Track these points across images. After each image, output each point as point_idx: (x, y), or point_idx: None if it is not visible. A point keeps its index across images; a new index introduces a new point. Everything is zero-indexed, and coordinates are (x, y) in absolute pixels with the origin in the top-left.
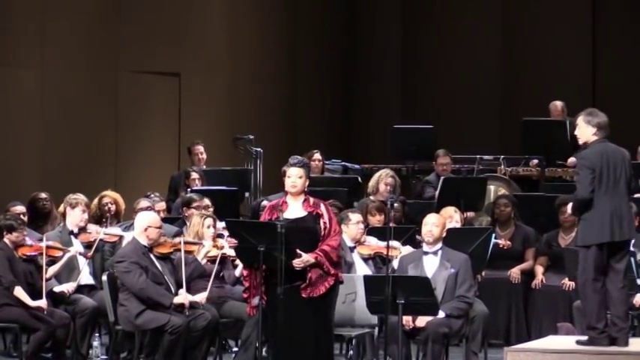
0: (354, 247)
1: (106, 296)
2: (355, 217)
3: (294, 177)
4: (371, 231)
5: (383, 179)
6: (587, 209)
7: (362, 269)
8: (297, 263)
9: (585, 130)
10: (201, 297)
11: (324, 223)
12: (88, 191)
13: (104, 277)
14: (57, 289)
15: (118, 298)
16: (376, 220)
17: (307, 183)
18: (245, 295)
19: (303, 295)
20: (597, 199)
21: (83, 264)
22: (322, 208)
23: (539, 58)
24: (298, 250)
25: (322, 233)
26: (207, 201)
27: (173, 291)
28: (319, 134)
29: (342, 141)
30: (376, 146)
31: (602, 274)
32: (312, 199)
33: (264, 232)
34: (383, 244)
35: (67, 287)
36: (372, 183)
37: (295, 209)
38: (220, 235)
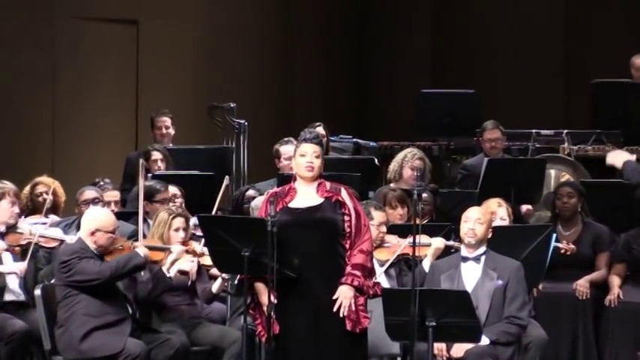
0: None
1: (40, 316)
2: (379, 215)
3: (310, 155)
4: (390, 229)
5: (408, 161)
6: None
7: (380, 280)
8: (342, 311)
9: None
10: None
11: (348, 214)
12: (17, 177)
13: (37, 292)
14: (3, 268)
15: (57, 318)
16: (397, 214)
17: (323, 165)
18: (257, 322)
19: (348, 328)
20: None
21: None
22: (344, 195)
23: (613, 1)
24: (336, 300)
25: (347, 230)
26: (173, 189)
27: (130, 310)
28: (323, 102)
29: (354, 111)
30: (399, 118)
31: None
32: (328, 184)
33: (251, 232)
34: (407, 241)
35: (18, 267)
36: (394, 166)
37: (307, 196)
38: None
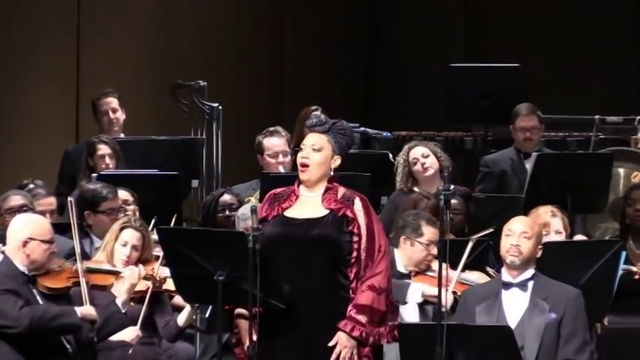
0: (408, 276)
1: None
2: (430, 232)
3: (307, 149)
4: None
5: (412, 155)
6: None
7: (412, 315)
8: None
9: None
10: (130, 334)
11: (357, 234)
12: None
13: None
14: None
15: None
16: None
17: (337, 163)
18: None
19: None
20: None
21: None
22: (357, 207)
23: None
24: (334, 346)
25: (353, 254)
26: (123, 194)
27: (70, 350)
28: (321, 81)
29: (361, 92)
30: (420, 100)
31: None
32: (341, 190)
33: (226, 249)
34: (458, 274)
35: None
36: (400, 173)
37: (310, 204)
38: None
